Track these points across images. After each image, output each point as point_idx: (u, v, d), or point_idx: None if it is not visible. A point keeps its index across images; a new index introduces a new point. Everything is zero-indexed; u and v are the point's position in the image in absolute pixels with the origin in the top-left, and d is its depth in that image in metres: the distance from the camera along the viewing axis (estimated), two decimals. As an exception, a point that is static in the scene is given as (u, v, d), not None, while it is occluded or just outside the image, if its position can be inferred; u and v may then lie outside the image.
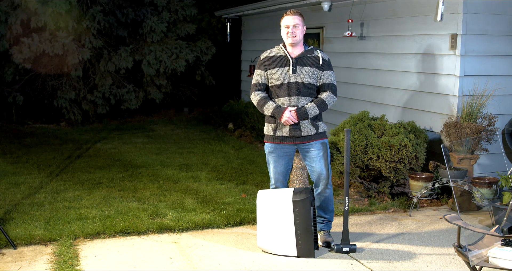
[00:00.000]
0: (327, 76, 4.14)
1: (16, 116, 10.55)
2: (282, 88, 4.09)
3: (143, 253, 4.05)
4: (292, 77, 4.07)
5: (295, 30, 4.11)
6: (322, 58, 4.15)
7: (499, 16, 5.46)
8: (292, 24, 4.11)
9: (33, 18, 9.49)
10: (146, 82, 10.87)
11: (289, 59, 4.11)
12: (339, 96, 7.52)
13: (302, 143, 4.17)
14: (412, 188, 5.32)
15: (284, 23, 4.15)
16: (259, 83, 4.19)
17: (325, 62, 4.17)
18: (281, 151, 4.21)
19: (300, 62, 4.11)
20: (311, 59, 4.14)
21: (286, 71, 4.09)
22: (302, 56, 4.14)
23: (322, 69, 4.13)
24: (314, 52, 4.18)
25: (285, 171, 4.27)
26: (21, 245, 4.16)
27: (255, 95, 4.18)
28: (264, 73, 4.17)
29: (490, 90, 5.39)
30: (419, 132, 5.65)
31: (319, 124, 4.17)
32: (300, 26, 4.14)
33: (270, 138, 4.21)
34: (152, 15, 10.41)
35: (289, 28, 4.11)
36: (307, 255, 3.97)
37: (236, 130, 9.52)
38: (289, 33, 4.11)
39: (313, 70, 4.10)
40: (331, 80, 4.14)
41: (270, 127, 4.19)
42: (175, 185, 5.99)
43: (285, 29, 4.14)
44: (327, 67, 4.16)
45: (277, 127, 4.14)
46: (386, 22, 6.55)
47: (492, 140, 5.39)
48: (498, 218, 4.61)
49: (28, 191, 5.68)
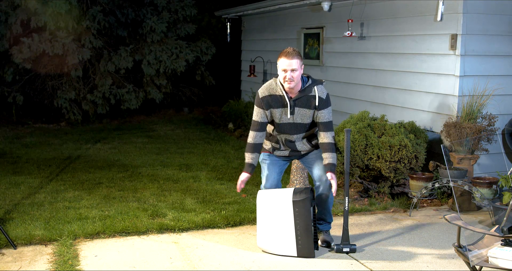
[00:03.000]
0: (323, 115, 4.07)
1: (16, 116, 10.56)
2: (281, 127, 4.15)
3: (143, 253, 4.05)
4: (291, 118, 4.08)
5: (293, 74, 3.92)
6: (319, 98, 4.03)
7: (499, 16, 5.46)
8: (290, 69, 3.89)
9: (33, 18, 9.49)
10: (146, 82, 10.87)
11: (287, 102, 4.03)
12: (339, 96, 7.60)
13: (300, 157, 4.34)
14: (412, 188, 5.32)
15: (281, 67, 3.93)
16: (258, 122, 4.14)
17: (322, 101, 4.05)
18: (277, 159, 4.31)
19: (298, 104, 4.04)
20: (309, 100, 4.04)
21: (284, 113, 4.07)
22: (300, 97, 4.03)
23: (319, 109, 4.06)
24: (312, 91, 4.04)
25: (278, 179, 4.32)
26: (21, 245, 4.16)
27: (249, 136, 4.20)
28: (264, 111, 4.11)
29: (490, 90, 5.39)
30: (419, 132, 5.65)
31: (316, 141, 4.24)
32: (298, 69, 3.92)
33: (268, 150, 4.32)
34: (152, 15, 10.41)
35: (287, 72, 3.90)
36: (307, 255, 3.97)
37: (236, 130, 9.52)
38: (286, 78, 3.93)
39: (310, 111, 4.07)
40: (328, 119, 4.09)
41: (270, 143, 4.29)
42: (175, 185, 5.99)
43: (282, 72, 3.95)
44: (323, 106, 4.06)
45: (275, 149, 4.26)
46: (386, 22, 6.55)
47: (492, 140, 5.39)
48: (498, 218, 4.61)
49: (28, 191, 5.68)
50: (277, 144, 4.25)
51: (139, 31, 10.50)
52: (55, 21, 9.52)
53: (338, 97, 7.54)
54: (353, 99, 7.26)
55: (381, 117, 5.89)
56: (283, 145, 4.23)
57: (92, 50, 9.99)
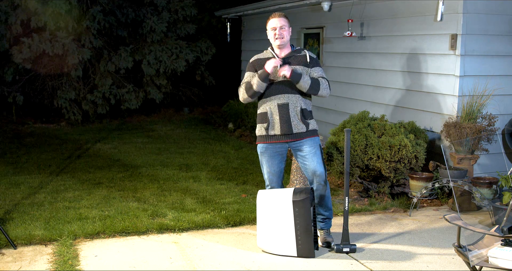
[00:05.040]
0: (317, 71, 4.18)
1: (16, 116, 10.56)
2: (272, 88, 4.14)
3: (143, 253, 4.05)
4: (281, 76, 4.09)
5: (282, 31, 4.12)
6: (309, 56, 4.20)
7: (499, 16, 5.46)
8: (279, 26, 4.12)
9: (33, 18, 9.49)
10: (146, 82, 10.87)
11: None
12: (339, 96, 7.59)
13: (293, 141, 4.19)
14: (412, 188, 5.32)
15: (270, 26, 4.16)
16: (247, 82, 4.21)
17: (313, 59, 4.21)
18: (273, 150, 4.23)
19: (288, 61, 4.14)
20: (299, 58, 4.18)
21: (275, 72, 4.11)
22: (290, 56, 4.18)
23: (311, 67, 4.17)
24: (301, 52, 4.23)
25: (279, 171, 4.29)
26: (21, 245, 4.16)
27: (240, 86, 4.23)
28: (254, 74, 4.20)
29: (490, 90, 5.39)
30: (419, 132, 5.66)
31: (310, 122, 4.20)
32: (286, 27, 4.15)
33: (262, 138, 4.25)
34: (152, 15, 10.41)
35: (276, 30, 4.12)
36: (307, 255, 3.97)
37: (236, 130, 9.52)
38: (276, 35, 4.12)
39: (301, 68, 4.14)
40: (322, 75, 4.19)
41: (262, 127, 4.22)
42: (175, 185, 5.99)
43: (271, 31, 4.15)
44: (315, 64, 4.20)
45: (268, 126, 4.17)
46: (386, 22, 6.55)
47: (492, 140, 5.39)
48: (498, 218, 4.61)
49: (28, 191, 5.68)
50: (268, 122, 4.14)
51: (139, 31, 10.50)
52: (55, 21, 9.52)
53: (338, 97, 7.54)
54: (353, 99, 7.26)
55: (381, 117, 5.89)
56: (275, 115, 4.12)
57: (92, 50, 9.99)
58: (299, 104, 4.13)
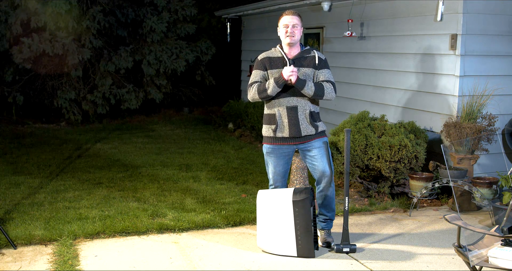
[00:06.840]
0: (324, 74, 4.15)
1: (16, 116, 10.56)
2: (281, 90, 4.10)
3: (143, 253, 4.05)
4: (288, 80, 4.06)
5: (294, 30, 4.09)
6: (318, 58, 4.17)
7: (499, 16, 5.46)
8: (292, 24, 4.09)
9: (33, 18, 9.49)
10: (146, 82, 10.87)
11: (286, 61, 4.12)
12: (339, 96, 7.58)
13: (302, 143, 4.16)
14: (412, 188, 5.32)
15: (282, 23, 4.13)
16: (256, 81, 4.17)
17: (322, 61, 4.18)
18: (280, 151, 4.20)
19: (297, 63, 4.12)
20: (308, 60, 4.15)
21: None
22: (299, 57, 4.15)
23: (319, 68, 4.15)
24: (311, 52, 4.20)
25: (284, 172, 4.27)
26: (21, 245, 4.16)
27: (252, 87, 4.16)
28: (263, 73, 4.18)
29: (490, 90, 5.39)
30: (419, 132, 5.66)
31: (319, 124, 4.18)
32: (298, 26, 4.12)
33: (270, 139, 4.21)
34: (152, 15, 10.41)
35: (288, 27, 4.09)
36: (307, 255, 3.97)
37: (236, 130, 9.52)
38: (288, 33, 4.09)
39: (310, 70, 4.12)
40: (328, 78, 4.15)
41: (270, 128, 4.18)
42: (175, 185, 5.99)
43: (283, 28, 4.12)
44: (323, 66, 4.18)
45: (277, 128, 4.14)
46: (386, 22, 6.55)
47: (492, 140, 5.39)
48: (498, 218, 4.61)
49: (28, 191, 5.68)
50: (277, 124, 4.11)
51: (139, 31, 10.51)
52: (55, 21, 9.52)
53: (338, 97, 7.51)
54: (353, 99, 7.26)
55: (381, 117, 5.89)
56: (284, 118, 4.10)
57: (92, 50, 9.99)
58: (308, 107, 4.12)
